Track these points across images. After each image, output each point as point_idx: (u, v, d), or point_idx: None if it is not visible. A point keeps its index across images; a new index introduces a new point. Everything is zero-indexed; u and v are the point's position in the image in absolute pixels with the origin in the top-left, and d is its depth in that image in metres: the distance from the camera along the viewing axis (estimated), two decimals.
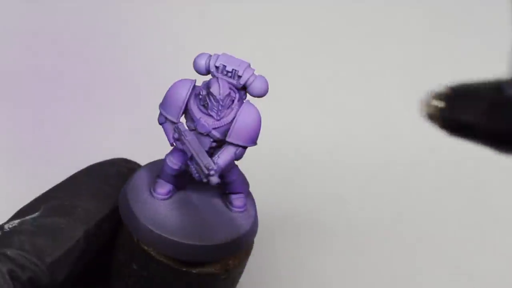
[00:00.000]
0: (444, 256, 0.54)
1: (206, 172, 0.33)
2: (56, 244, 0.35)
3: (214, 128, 0.34)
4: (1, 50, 0.55)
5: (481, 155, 0.53)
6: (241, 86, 0.34)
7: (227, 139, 0.34)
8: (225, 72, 0.34)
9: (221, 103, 0.34)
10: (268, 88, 0.35)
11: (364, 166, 0.54)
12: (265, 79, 0.34)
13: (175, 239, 0.35)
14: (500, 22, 0.52)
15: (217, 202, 0.38)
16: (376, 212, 0.54)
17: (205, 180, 0.33)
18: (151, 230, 0.35)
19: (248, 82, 0.34)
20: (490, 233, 0.54)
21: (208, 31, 0.53)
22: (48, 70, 0.55)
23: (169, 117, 0.35)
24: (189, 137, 0.34)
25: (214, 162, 0.34)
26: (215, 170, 0.33)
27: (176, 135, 0.35)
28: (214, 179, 0.33)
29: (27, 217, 0.36)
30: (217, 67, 0.34)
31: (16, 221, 0.36)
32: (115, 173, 0.40)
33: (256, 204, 0.39)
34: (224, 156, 0.34)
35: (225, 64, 0.34)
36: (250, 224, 0.37)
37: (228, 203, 0.38)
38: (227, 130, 0.34)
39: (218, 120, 0.34)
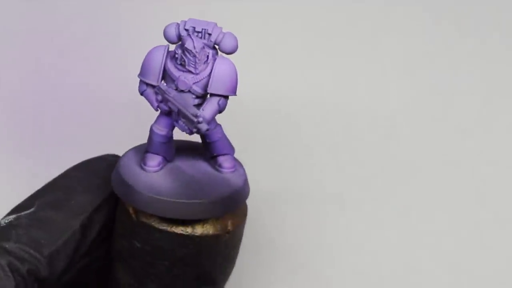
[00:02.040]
0: (444, 256, 0.54)
1: (195, 120, 0.35)
2: (53, 236, 0.36)
3: (195, 83, 0.36)
4: (1, 49, 0.55)
5: (481, 155, 0.53)
6: (212, 44, 0.37)
7: (208, 90, 0.36)
8: (195, 34, 0.36)
9: (197, 56, 0.36)
10: (237, 43, 0.37)
11: (367, 169, 0.54)
12: (234, 35, 0.37)
13: (173, 199, 0.36)
14: (502, 20, 0.52)
15: (207, 167, 0.40)
16: (375, 211, 0.54)
17: (194, 130, 0.36)
18: (149, 196, 0.36)
19: (218, 39, 0.36)
20: (490, 233, 0.54)
21: None
22: (47, 69, 0.55)
23: (149, 81, 0.37)
24: (173, 93, 0.36)
25: (202, 116, 0.35)
26: (203, 118, 0.35)
27: (159, 97, 0.37)
28: (203, 126, 0.35)
29: (23, 213, 0.37)
30: (187, 30, 0.36)
31: (12, 216, 0.37)
32: (105, 167, 0.41)
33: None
34: (208, 107, 0.37)
35: (194, 26, 0.36)
36: (242, 181, 0.39)
37: (217, 166, 0.39)
38: (207, 83, 0.36)
39: (197, 74, 0.36)
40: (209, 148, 0.39)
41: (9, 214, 0.38)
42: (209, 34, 0.36)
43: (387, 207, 0.54)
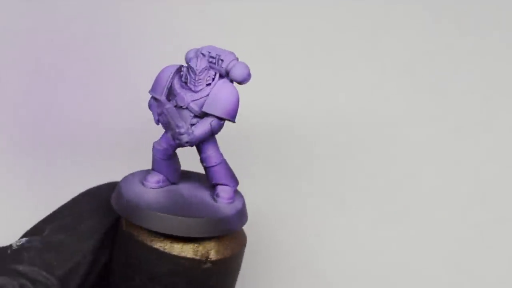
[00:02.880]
0: (444, 256, 0.54)
1: (176, 130, 0.36)
2: (64, 258, 0.37)
3: (193, 101, 0.37)
4: (1, 49, 0.55)
5: (482, 156, 0.53)
6: (224, 70, 0.37)
7: (203, 109, 0.37)
8: (210, 59, 0.37)
9: (197, 74, 0.37)
10: (249, 73, 0.38)
11: (366, 170, 0.54)
12: (246, 65, 0.38)
13: (151, 211, 0.36)
14: (502, 18, 0.52)
15: (206, 195, 0.40)
16: (375, 211, 0.54)
17: (177, 141, 0.37)
18: (132, 204, 0.36)
19: (229, 66, 0.37)
20: (491, 233, 0.54)
21: (209, 31, 0.53)
22: (47, 69, 0.55)
23: (154, 95, 0.38)
24: (168, 105, 0.37)
25: (190, 130, 0.37)
26: (187, 133, 0.36)
27: (159, 110, 0.38)
28: (184, 137, 0.36)
29: (34, 237, 0.38)
30: (203, 55, 0.38)
31: (24, 239, 0.37)
32: (112, 193, 0.41)
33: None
34: (200, 125, 0.37)
35: (209, 51, 0.38)
36: (232, 212, 0.38)
37: (215, 195, 0.39)
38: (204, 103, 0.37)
39: (196, 92, 0.37)
40: (208, 175, 0.40)
41: (21, 238, 0.39)
42: (222, 61, 0.37)
43: (387, 207, 0.54)
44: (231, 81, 0.38)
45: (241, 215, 0.39)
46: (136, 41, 0.53)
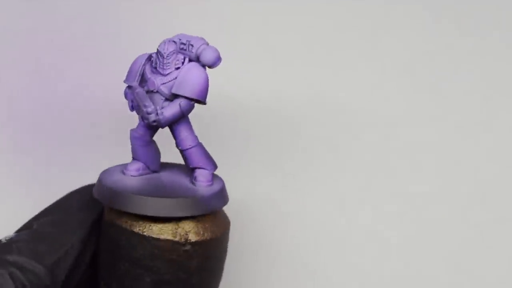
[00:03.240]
0: (444, 256, 0.54)
1: (144, 109, 0.38)
2: (53, 248, 0.37)
3: (162, 84, 0.38)
4: (1, 49, 0.55)
5: (482, 156, 0.53)
6: (194, 55, 0.38)
7: (172, 90, 0.38)
8: (181, 46, 0.39)
9: (165, 57, 0.38)
10: (219, 57, 0.38)
11: (365, 166, 0.54)
12: (215, 49, 0.39)
13: (128, 193, 0.37)
14: (502, 18, 0.52)
15: (185, 181, 0.40)
16: (375, 211, 0.54)
17: (146, 121, 0.38)
18: (107, 188, 0.37)
19: (199, 50, 0.38)
20: (491, 233, 0.54)
21: (209, 31, 0.53)
22: (47, 69, 0.55)
23: (128, 83, 0.39)
24: (138, 89, 0.39)
25: (160, 111, 0.38)
26: (154, 112, 0.38)
27: (132, 96, 0.39)
28: (151, 117, 0.38)
29: (23, 231, 0.38)
30: (174, 42, 0.39)
31: (12, 234, 0.37)
32: None
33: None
34: (169, 107, 0.38)
35: (180, 38, 0.39)
36: (209, 193, 0.38)
37: (193, 179, 0.40)
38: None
39: (165, 76, 0.38)
40: (184, 159, 0.40)
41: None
42: (192, 46, 0.38)
43: (387, 207, 0.54)
44: (203, 66, 0.38)
45: (220, 196, 0.39)
46: (136, 41, 0.53)
